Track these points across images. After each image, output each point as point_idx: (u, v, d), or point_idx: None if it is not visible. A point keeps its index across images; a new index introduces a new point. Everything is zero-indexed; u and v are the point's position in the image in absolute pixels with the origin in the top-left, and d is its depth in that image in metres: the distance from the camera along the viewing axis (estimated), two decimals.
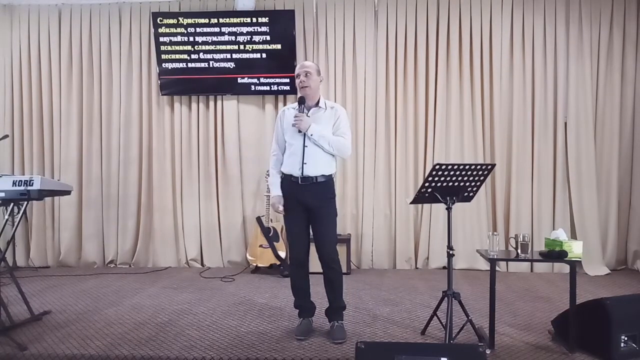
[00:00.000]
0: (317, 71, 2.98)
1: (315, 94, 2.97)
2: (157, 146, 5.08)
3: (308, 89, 2.92)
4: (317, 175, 2.88)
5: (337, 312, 3.00)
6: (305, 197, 2.89)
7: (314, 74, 2.94)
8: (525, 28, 4.75)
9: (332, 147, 2.88)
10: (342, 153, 2.95)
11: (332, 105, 3.02)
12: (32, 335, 2.92)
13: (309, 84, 2.91)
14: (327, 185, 2.93)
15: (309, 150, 2.86)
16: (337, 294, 2.98)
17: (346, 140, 2.95)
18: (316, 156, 2.88)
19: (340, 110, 3.01)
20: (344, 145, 2.92)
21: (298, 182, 2.88)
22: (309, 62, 3.15)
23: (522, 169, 4.75)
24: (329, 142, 2.88)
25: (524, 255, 2.77)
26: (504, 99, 4.78)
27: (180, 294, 3.93)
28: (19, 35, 5.10)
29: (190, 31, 4.87)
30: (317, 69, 3.00)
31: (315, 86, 2.95)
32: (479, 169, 2.75)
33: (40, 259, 5.11)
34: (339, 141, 2.91)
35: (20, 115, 5.11)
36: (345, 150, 2.95)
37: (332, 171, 2.96)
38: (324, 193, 2.91)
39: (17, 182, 3.05)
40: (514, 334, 2.96)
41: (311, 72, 2.92)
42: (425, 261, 4.87)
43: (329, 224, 2.94)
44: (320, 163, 2.89)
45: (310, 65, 2.97)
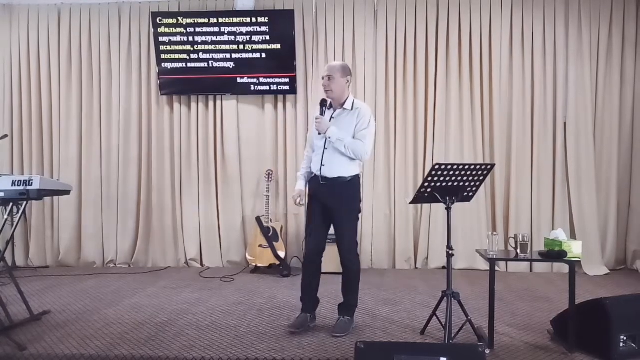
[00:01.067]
0: (342, 72, 2.94)
1: (341, 96, 2.96)
2: (157, 146, 5.08)
3: (331, 93, 2.94)
4: (335, 177, 2.92)
5: (347, 309, 3.05)
6: (324, 197, 2.96)
7: (338, 76, 2.91)
8: (525, 29, 4.75)
9: (349, 150, 2.90)
10: (358, 156, 2.93)
11: (358, 106, 2.99)
12: (32, 335, 2.92)
13: (331, 88, 2.92)
14: (346, 187, 2.95)
15: (327, 153, 2.92)
16: (351, 292, 3.05)
17: (364, 144, 2.92)
18: (334, 158, 2.92)
19: (364, 111, 2.97)
20: (359, 149, 2.91)
21: (319, 181, 2.96)
22: (335, 62, 3.07)
23: (521, 169, 4.76)
24: (345, 145, 2.89)
25: (523, 255, 2.78)
26: (503, 99, 4.79)
27: (180, 294, 3.93)
28: (18, 35, 5.09)
29: (190, 31, 4.87)
30: (342, 69, 2.96)
31: (339, 89, 2.93)
32: (478, 168, 2.75)
33: (39, 259, 5.11)
34: (355, 145, 2.90)
35: (19, 115, 5.11)
36: (362, 153, 2.92)
37: (352, 173, 2.96)
38: (342, 194, 2.94)
39: (16, 182, 3.04)
40: (513, 333, 2.96)
41: (334, 76, 2.91)
42: (424, 261, 4.88)
43: (345, 225, 2.98)
44: (338, 165, 2.92)
45: (334, 68, 2.94)
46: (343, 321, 2.99)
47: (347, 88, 2.98)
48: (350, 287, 3.04)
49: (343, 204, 2.95)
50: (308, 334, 2.94)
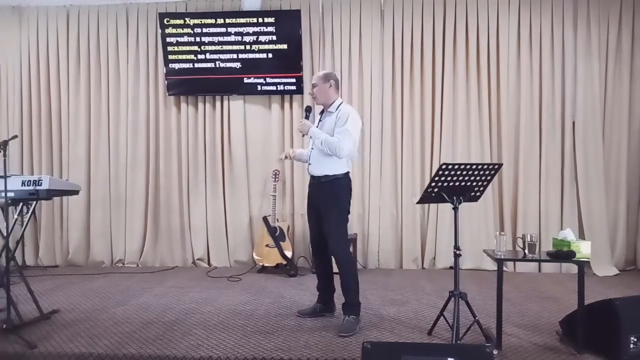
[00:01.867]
0: (324, 80, 3.14)
1: (327, 101, 3.17)
2: (164, 146, 5.10)
3: (316, 99, 3.19)
4: (320, 175, 3.10)
5: (349, 307, 3.08)
6: (313, 195, 3.20)
7: (320, 83, 3.14)
8: (533, 28, 4.72)
9: (325, 146, 3.03)
10: (333, 152, 3.04)
11: (340, 109, 3.13)
12: (41, 334, 2.94)
13: (316, 95, 3.17)
14: (330, 185, 3.08)
15: (313, 152, 3.15)
16: (346, 290, 3.09)
17: (339, 140, 3.01)
18: (318, 157, 3.11)
19: (342, 112, 3.10)
20: (334, 145, 3.01)
21: (310, 180, 3.21)
22: (318, 73, 3.27)
23: (529, 168, 4.73)
24: (322, 141, 3.04)
25: (531, 255, 2.76)
26: (511, 99, 4.76)
27: (187, 293, 3.95)
28: (27, 37, 5.14)
29: (197, 31, 4.89)
30: (324, 77, 3.16)
31: (323, 95, 3.15)
32: (485, 168, 2.74)
33: (49, 258, 5.15)
34: (330, 141, 3.03)
35: (29, 116, 5.16)
36: (336, 149, 3.01)
37: (335, 172, 3.08)
38: (326, 192, 3.09)
39: (26, 182, 3.08)
40: (521, 334, 2.94)
41: (317, 84, 3.15)
42: (432, 261, 4.86)
43: (330, 222, 3.08)
44: (321, 164, 3.10)
45: (316, 77, 3.20)
46: (349, 321, 3.02)
47: (332, 92, 3.16)
48: (345, 285, 3.09)
49: (327, 201, 3.09)
50: (315, 334, 2.94)
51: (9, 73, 5.17)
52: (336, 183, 3.08)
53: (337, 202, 3.09)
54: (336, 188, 3.09)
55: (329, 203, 3.08)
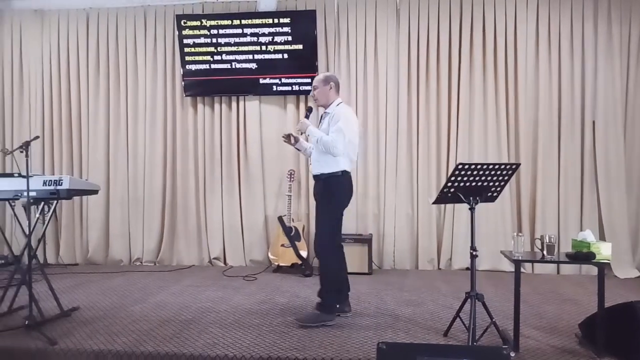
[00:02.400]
0: (323, 82, 3.23)
1: (326, 102, 3.26)
2: (181, 147, 5.16)
3: (317, 101, 3.30)
4: (317, 173, 3.19)
5: (321, 303, 3.14)
6: (314, 192, 3.30)
7: (320, 85, 3.23)
8: (552, 26, 4.65)
9: (320, 144, 3.11)
10: (328, 150, 3.09)
11: (335, 109, 3.21)
12: (62, 331, 3.00)
13: (316, 97, 3.28)
14: (324, 184, 3.16)
15: (313, 152, 3.25)
16: (322, 287, 3.17)
17: (333, 139, 3.07)
18: (316, 157, 3.20)
19: (336, 112, 3.18)
20: (328, 143, 3.07)
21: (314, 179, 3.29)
22: (319, 75, 3.33)
23: (548, 168, 4.66)
24: (317, 139, 3.13)
25: (550, 256, 2.72)
26: (529, 98, 4.69)
27: (204, 292, 3.99)
28: (49, 39, 5.25)
29: (213, 33, 4.93)
30: (324, 79, 3.25)
31: (323, 96, 3.24)
32: (502, 168, 2.71)
33: (69, 257, 5.26)
34: (325, 139, 3.09)
35: (50, 117, 5.27)
36: (330, 147, 3.07)
37: (331, 170, 3.12)
38: (320, 190, 3.19)
39: (47, 181, 3.14)
40: (539, 336, 2.90)
41: (317, 86, 3.24)
42: (448, 262, 4.82)
43: (320, 219, 3.20)
44: (318, 163, 3.18)
45: (316, 79, 3.27)
46: (313, 312, 3.13)
47: (332, 94, 3.25)
48: (321, 282, 3.17)
49: (321, 199, 3.18)
50: (330, 334, 2.94)
51: (31, 75, 5.29)
52: (331, 181, 3.13)
53: (330, 200, 3.14)
54: (331, 186, 3.14)
55: (322, 200, 3.17)
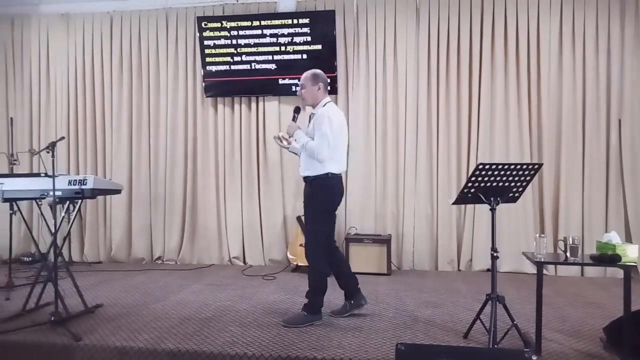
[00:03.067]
0: (312, 81, 3.19)
1: (313, 102, 3.23)
2: (202, 147, 5.22)
3: (304, 100, 3.26)
4: (304, 175, 3.21)
5: (307, 304, 3.17)
6: (303, 194, 3.28)
7: (308, 84, 3.19)
8: (576, 23, 4.55)
9: (306, 149, 3.12)
10: (312, 156, 3.10)
11: (320, 111, 3.17)
12: (86, 327, 3.08)
13: (304, 96, 3.24)
14: (312, 185, 3.17)
15: (302, 154, 3.23)
16: (309, 287, 3.19)
17: (317, 145, 3.07)
18: (303, 159, 3.21)
19: (319, 115, 3.14)
20: (312, 148, 3.09)
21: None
22: (307, 71, 3.26)
23: (572, 168, 4.56)
24: (302, 145, 3.14)
25: (573, 258, 2.66)
26: (552, 96, 4.60)
27: (223, 291, 4.03)
28: (74, 42, 5.38)
29: (233, 34, 4.98)
30: (313, 78, 3.20)
31: (310, 96, 3.21)
32: (524, 168, 2.66)
33: (93, 255, 5.37)
34: (309, 146, 3.10)
35: (75, 118, 5.39)
36: (314, 152, 3.07)
37: (317, 172, 3.12)
38: (309, 192, 3.20)
39: (72, 181, 3.23)
40: (562, 340, 2.85)
41: (304, 85, 3.21)
42: (468, 263, 4.76)
43: (309, 221, 3.23)
44: (305, 165, 3.19)
45: (304, 77, 3.21)
46: (299, 314, 3.15)
47: (320, 94, 3.22)
48: (308, 282, 3.19)
49: (309, 201, 3.19)
50: (348, 334, 2.94)
51: (57, 77, 5.43)
52: (317, 183, 3.14)
53: (316, 202, 3.16)
54: (316, 188, 3.15)
55: (308, 202, 3.19)
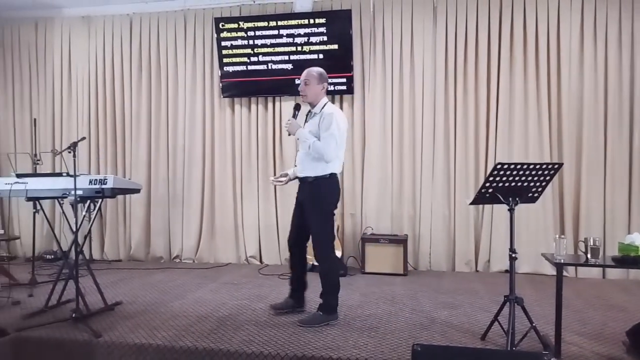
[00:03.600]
0: (318, 79, 3.15)
1: (314, 100, 3.18)
2: (219, 147, 5.27)
3: (305, 97, 3.17)
4: (304, 176, 3.17)
5: (322, 304, 3.17)
6: (300, 196, 3.26)
7: (313, 82, 3.14)
8: (598, 19, 4.46)
9: (312, 149, 3.08)
10: (319, 155, 3.07)
11: (324, 111, 3.15)
12: (106, 324, 3.13)
13: (306, 92, 3.16)
14: (314, 186, 3.13)
15: (299, 153, 3.20)
16: (324, 290, 3.17)
17: (324, 144, 3.05)
18: (303, 159, 3.16)
19: (326, 115, 3.11)
20: (320, 149, 3.06)
21: (299, 181, 3.25)
22: (312, 69, 3.21)
23: (593, 168, 4.47)
24: (309, 145, 3.09)
25: (594, 260, 2.61)
26: (572, 94, 4.52)
27: (240, 289, 4.06)
28: (95, 44, 5.48)
29: (250, 34, 5.01)
30: (319, 76, 3.16)
31: (314, 94, 3.15)
32: (544, 168, 2.62)
33: (113, 253, 5.47)
34: (317, 146, 3.07)
35: (95, 118, 5.49)
36: (322, 153, 3.06)
37: (319, 173, 3.11)
38: (310, 193, 3.15)
39: (92, 180, 3.29)
40: (583, 343, 2.79)
41: (309, 81, 3.14)
42: (486, 264, 4.71)
43: (314, 222, 3.16)
44: (306, 165, 3.15)
45: (310, 74, 3.15)
46: (315, 314, 3.14)
47: (322, 94, 3.18)
48: (322, 284, 3.17)
49: (311, 202, 3.15)
50: (364, 334, 2.93)
51: (78, 78, 5.54)
52: (320, 184, 3.13)
53: (321, 203, 3.15)
54: (320, 188, 3.14)
55: (313, 203, 3.15)
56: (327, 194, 3.16)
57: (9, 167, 5.00)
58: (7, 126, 5.67)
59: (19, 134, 5.63)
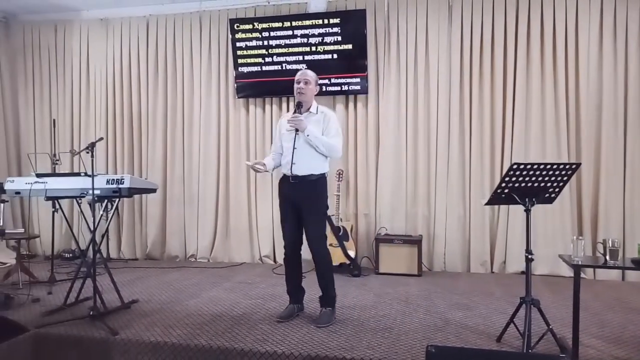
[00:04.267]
0: (315, 82, 3.24)
1: (310, 101, 3.24)
2: (234, 147, 5.30)
3: (304, 97, 3.18)
4: (306, 174, 3.13)
5: (326, 300, 3.23)
6: (295, 195, 3.16)
7: (312, 83, 3.22)
8: (618, 15, 4.37)
9: (325, 147, 3.12)
10: (333, 153, 3.18)
11: (323, 111, 3.25)
12: (122, 322, 3.18)
13: (305, 92, 3.18)
14: (314, 184, 3.15)
15: (297, 152, 3.13)
16: (326, 284, 3.21)
17: (337, 142, 3.17)
18: (305, 156, 3.13)
19: (330, 114, 3.24)
20: (334, 146, 3.15)
21: (289, 180, 3.16)
22: (310, 71, 3.28)
23: (612, 168, 4.39)
24: (323, 142, 3.12)
25: (613, 262, 2.57)
26: (591, 93, 4.44)
27: (254, 289, 4.08)
28: (112, 45, 5.56)
29: (265, 35, 5.03)
30: (316, 80, 3.26)
31: (311, 94, 3.23)
32: (561, 168, 2.58)
33: (129, 252, 5.54)
34: (331, 143, 3.14)
35: (113, 119, 5.58)
36: (336, 151, 3.18)
37: (322, 170, 3.19)
38: (310, 191, 3.14)
39: (110, 180, 3.34)
40: (601, 346, 2.74)
41: (310, 81, 3.20)
42: (501, 265, 4.66)
43: (314, 219, 3.15)
44: (308, 163, 3.13)
45: (310, 75, 3.23)
46: (325, 312, 3.18)
47: (314, 96, 3.27)
48: (325, 278, 3.21)
49: (312, 200, 3.14)
50: (378, 335, 2.93)
51: (96, 80, 5.63)
52: (320, 182, 3.17)
53: (322, 201, 3.20)
54: (320, 187, 3.17)
55: (316, 202, 3.16)
56: (325, 192, 3.23)
57: (29, 167, 5.10)
58: (28, 127, 5.79)
59: (39, 134, 5.75)
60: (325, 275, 3.21)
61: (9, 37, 5.78)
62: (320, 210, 3.21)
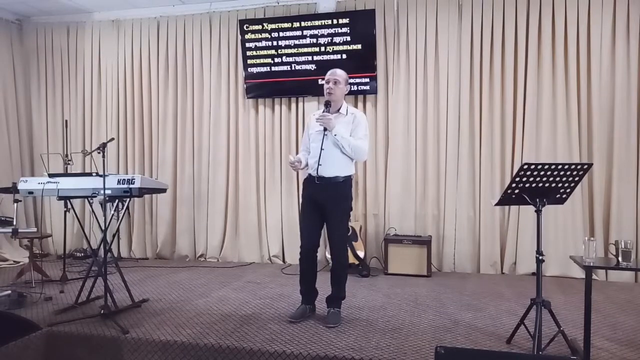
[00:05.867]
0: (345, 81, 3.21)
1: (339, 101, 3.21)
2: (243, 147, 5.32)
3: (333, 96, 3.16)
4: (332, 176, 3.11)
5: (336, 301, 3.25)
6: (320, 196, 3.14)
7: (342, 83, 3.18)
8: (631, 13, 4.32)
9: (351, 149, 3.10)
10: (358, 156, 3.17)
11: (353, 112, 3.23)
12: (133, 321, 3.21)
13: (335, 91, 3.15)
14: (340, 186, 3.14)
15: (324, 153, 3.09)
16: (340, 285, 3.24)
17: (364, 145, 3.15)
18: (332, 158, 3.10)
19: (360, 116, 3.22)
20: (361, 149, 3.14)
21: (314, 181, 3.14)
22: (340, 71, 3.23)
23: (625, 168, 4.33)
24: (349, 144, 3.09)
25: (625, 263, 2.54)
26: (603, 93, 4.39)
27: (263, 288, 4.09)
28: (124, 46, 5.62)
29: (274, 36, 5.04)
30: (346, 79, 3.23)
31: (340, 94, 3.19)
32: (572, 169, 2.56)
33: (140, 251, 5.59)
34: (358, 145, 3.12)
35: (124, 119, 5.63)
36: (362, 153, 3.18)
37: (347, 173, 3.18)
38: (336, 193, 3.13)
39: (121, 180, 3.37)
40: (613, 349, 2.71)
41: (339, 81, 3.16)
42: (512, 266, 4.62)
43: (338, 222, 3.16)
44: (334, 165, 3.11)
45: (340, 75, 3.19)
46: (334, 312, 3.19)
47: (343, 96, 3.24)
48: (340, 279, 3.23)
49: (337, 202, 3.13)
50: (386, 336, 2.92)
51: (108, 81, 5.68)
52: (346, 184, 3.16)
53: (347, 203, 3.19)
54: (346, 189, 3.16)
55: (340, 204, 3.15)
56: (350, 194, 3.22)
57: (42, 168, 5.17)
58: (41, 128, 5.86)
59: (51, 135, 5.82)
60: (340, 275, 3.23)
61: (23, 39, 5.86)
62: (345, 212, 3.21)
